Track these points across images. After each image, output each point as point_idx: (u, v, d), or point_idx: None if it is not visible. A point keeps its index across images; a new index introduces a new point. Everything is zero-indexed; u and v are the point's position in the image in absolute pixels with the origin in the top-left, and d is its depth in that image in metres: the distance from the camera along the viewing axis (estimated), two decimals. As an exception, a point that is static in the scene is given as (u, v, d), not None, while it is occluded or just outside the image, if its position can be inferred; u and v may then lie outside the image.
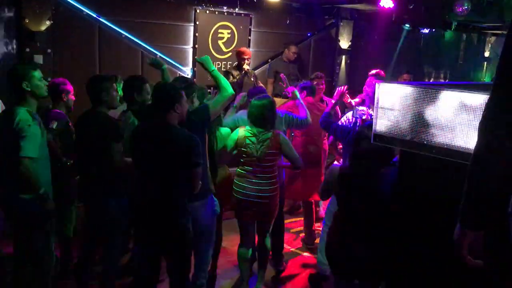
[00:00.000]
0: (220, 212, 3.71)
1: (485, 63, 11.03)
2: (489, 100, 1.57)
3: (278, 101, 5.17)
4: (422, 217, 2.58)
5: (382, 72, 5.27)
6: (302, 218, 5.33)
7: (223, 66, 7.11)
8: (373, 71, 5.21)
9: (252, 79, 6.57)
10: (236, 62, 6.64)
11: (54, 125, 3.85)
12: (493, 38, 10.97)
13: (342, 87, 4.49)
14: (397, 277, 2.79)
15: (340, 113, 5.21)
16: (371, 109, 4.25)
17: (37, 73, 3.27)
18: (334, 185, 3.17)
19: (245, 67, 6.43)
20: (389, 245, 2.77)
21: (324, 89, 5.49)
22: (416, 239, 2.60)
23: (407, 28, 8.28)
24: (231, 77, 6.49)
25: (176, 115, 2.99)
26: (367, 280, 3.12)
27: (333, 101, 4.56)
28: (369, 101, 4.39)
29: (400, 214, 2.70)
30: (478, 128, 1.57)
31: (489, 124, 1.54)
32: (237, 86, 6.48)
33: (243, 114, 4.20)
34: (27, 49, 5.25)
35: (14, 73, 3.23)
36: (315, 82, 5.33)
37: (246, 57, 6.43)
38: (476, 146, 1.58)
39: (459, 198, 1.64)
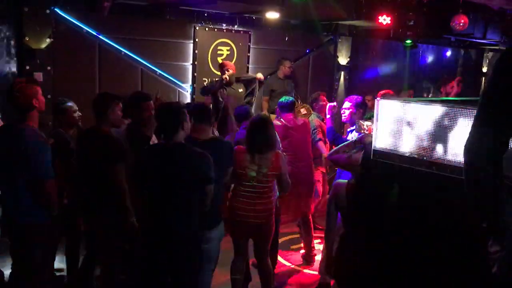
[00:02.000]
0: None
1: (483, 78, 11.08)
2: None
3: (273, 117, 5.18)
4: (422, 228, 2.57)
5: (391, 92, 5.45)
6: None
7: (222, 82, 7.11)
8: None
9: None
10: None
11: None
12: (490, 54, 11.04)
13: (333, 104, 4.89)
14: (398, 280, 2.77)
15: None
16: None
17: (39, 88, 3.30)
18: (341, 201, 3.15)
19: (225, 76, 6.16)
20: (393, 257, 2.75)
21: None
22: (418, 248, 2.58)
23: (408, 44, 8.29)
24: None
25: (183, 133, 3.04)
26: None
27: (328, 116, 4.79)
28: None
29: (402, 226, 2.69)
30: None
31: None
32: (209, 89, 6.40)
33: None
34: (27, 67, 5.27)
35: (27, 91, 3.17)
36: (321, 103, 5.57)
37: (225, 68, 6.27)
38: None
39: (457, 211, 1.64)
